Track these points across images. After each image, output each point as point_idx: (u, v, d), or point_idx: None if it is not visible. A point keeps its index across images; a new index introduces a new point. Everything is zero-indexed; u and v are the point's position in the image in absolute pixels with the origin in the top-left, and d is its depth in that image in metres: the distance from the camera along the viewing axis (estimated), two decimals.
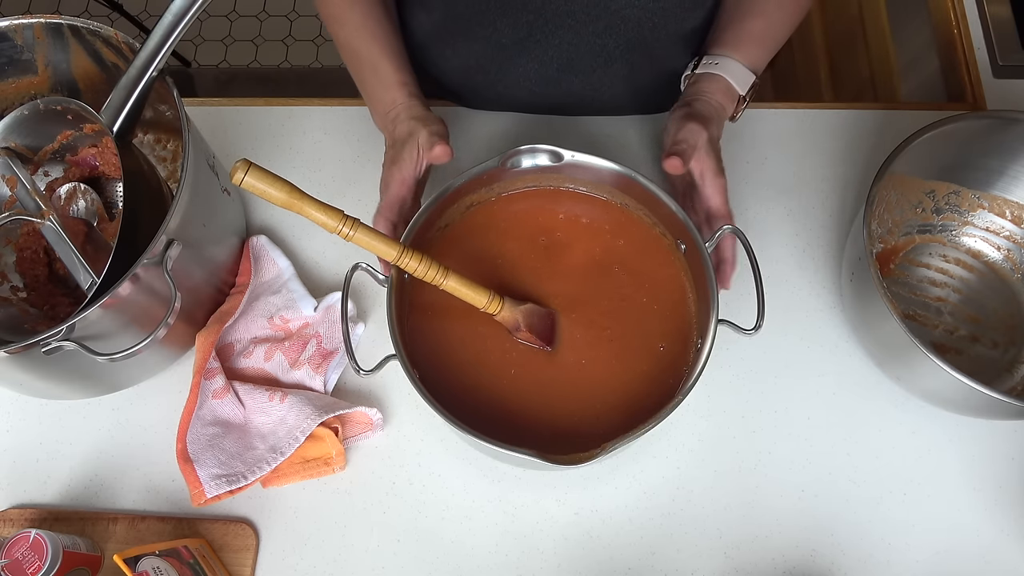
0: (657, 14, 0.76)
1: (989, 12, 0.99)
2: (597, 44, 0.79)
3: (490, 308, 0.69)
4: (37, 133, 0.75)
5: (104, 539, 0.74)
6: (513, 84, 0.86)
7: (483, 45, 0.82)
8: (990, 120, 0.78)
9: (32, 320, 0.76)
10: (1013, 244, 0.84)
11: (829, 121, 0.92)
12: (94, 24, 0.72)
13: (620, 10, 0.74)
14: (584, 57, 0.81)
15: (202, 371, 0.76)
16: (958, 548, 0.74)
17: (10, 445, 0.78)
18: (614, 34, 0.78)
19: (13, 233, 0.79)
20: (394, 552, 0.74)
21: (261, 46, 2.10)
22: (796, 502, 0.76)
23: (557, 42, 0.79)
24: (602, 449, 0.62)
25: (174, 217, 0.66)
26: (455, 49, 0.84)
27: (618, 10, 0.75)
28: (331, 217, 0.60)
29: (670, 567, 0.74)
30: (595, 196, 0.77)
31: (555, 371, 0.71)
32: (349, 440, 0.77)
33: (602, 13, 0.75)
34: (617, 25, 0.76)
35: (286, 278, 0.82)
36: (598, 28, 0.77)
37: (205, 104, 0.93)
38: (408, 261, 0.64)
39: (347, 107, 0.93)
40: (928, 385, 0.73)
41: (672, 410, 0.64)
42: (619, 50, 0.80)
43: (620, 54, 0.80)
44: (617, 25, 0.76)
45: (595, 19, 0.76)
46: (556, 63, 0.81)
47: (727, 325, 0.68)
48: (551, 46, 0.79)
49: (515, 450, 0.62)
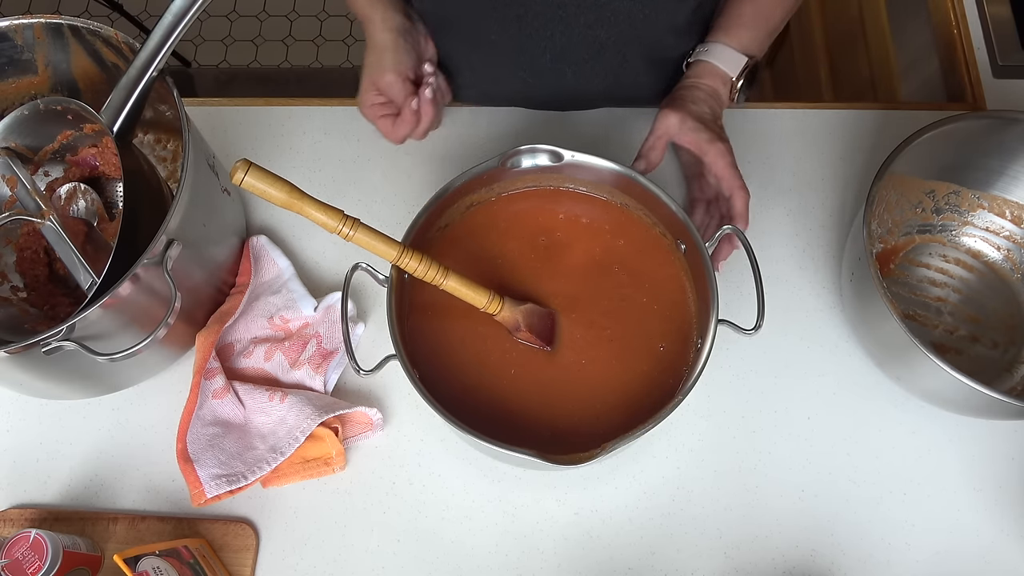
0: (648, 6, 0.76)
1: (989, 12, 0.99)
2: (589, 35, 0.79)
3: (490, 308, 0.69)
4: (37, 133, 0.75)
5: (104, 539, 0.74)
6: (506, 75, 0.86)
7: (473, 37, 0.82)
8: (990, 120, 0.78)
9: (32, 320, 0.76)
10: (1013, 244, 0.84)
11: (829, 121, 0.92)
12: (94, 24, 0.72)
13: (610, 2, 0.75)
14: (576, 48, 0.81)
15: (202, 371, 0.76)
16: (958, 548, 0.74)
17: (10, 445, 0.79)
18: (605, 26, 0.78)
19: (13, 233, 0.79)
20: (394, 552, 0.74)
21: (261, 46, 2.10)
22: (796, 502, 0.76)
23: (549, 33, 0.79)
24: (602, 449, 0.62)
25: (174, 217, 0.66)
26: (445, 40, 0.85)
27: (608, 2, 0.75)
28: (331, 217, 0.60)
29: (670, 567, 0.74)
30: (595, 196, 0.77)
31: (555, 371, 0.71)
32: (349, 440, 0.77)
33: (592, 5, 0.75)
34: (608, 17, 0.77)
35: (286, 278, 0.82)
36: (589, 20, 0.77)
37: (205, 104, 0.93)
38: (408, 261, 0.64)
39: (347, 107, 0.93)
40: (928, 385, 0.73)
41: (672, 410, 0.64)
42: (611, 41, 0.80)
43: (612, 44, 0.81)
44: (608, 17, 0.77)
45: (585, 11, 0.76)
46: (548, 54, 0.82)
47: (727, 325, 0.68)
48: (543, 37, 0.79)
49: (515, 450, 0.62)
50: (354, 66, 2.02)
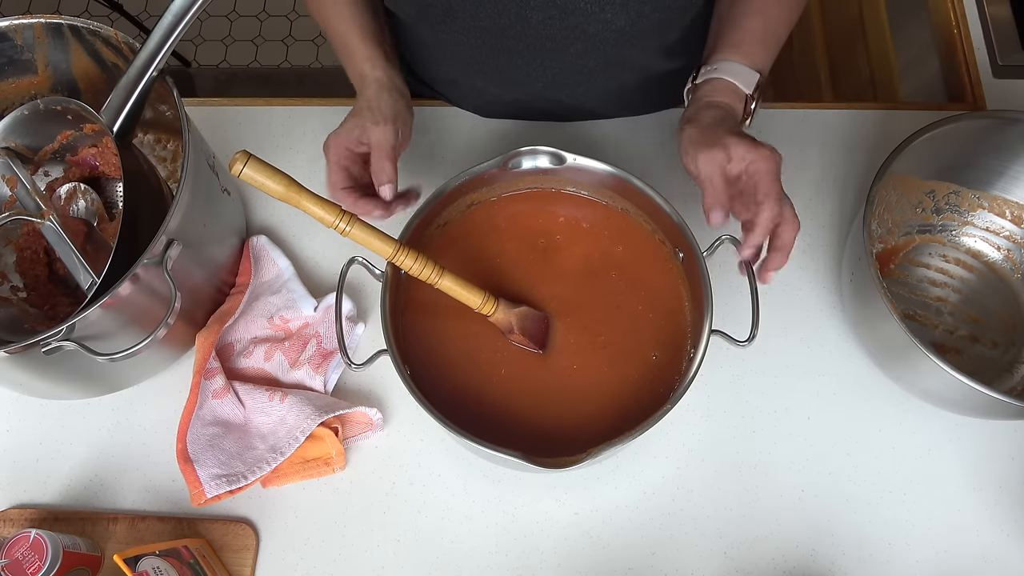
0: (635, 36, 0.75)
1: (989, 12, 0.99)
2: (578, 64, 0.78)
3: (484, 309, 0.69)
4: (37, 133, 0.75)
5: (104, 539, 0.74)
6: (499, 98, 0.87)
7: (465, 68, 0.82)
8: (990, 120, 0.78)
9: (32, 320, 0.76)
10: (1013, 244, 0.84)
11: (829, 121, 0.92)
12: (94, 24, 0.72)
13: (597, 34, 0.73)
14: (566, 75, 0.80)
15: (202, 371, 0.76)
16: (958, 548, 0.74)
17: (10, 445, 0.79)
18: (594, 54, 0.77)
19: (13, 233, 0.79)
20: (394, 552, 0.74)
21: (261, 46, 2.10)
22: (796, 502, 0.76)
23: (540, 63, 0.78)
24: (588, 454, 0.62)
25: (174, 217, 0.66)
26: (442, 64, 0.85)
27: (595, 34, 0.73)
28: (328, 212, 0.60)
29: (670, 567, 0.74)
30: (595, 200, 0.77)
31: (545, 374, 0.71)
32: (349, 440, 0.77)
33: (580, 36, 0.74)
34: (596, 47, 0.76)
35: (286, 278, 0.82)
36: (578, 49, 0.76)
37: (205, 104, 0.93)
38: (404, 259, 0.64)
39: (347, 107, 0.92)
40: (928, 385, 0.73)
41: (659, 419, 0.63)
42: (600, 67, 0.79)
43: (602, 70, 0.80)
44: (596, 47, 0.76)
45: (573, 42, 0.75)
46: (540, 82, 0.82)
47: (720, 336, 0.68)
48: (534, 68, 0.79)
49: (500, 450, 0.62)
50: None
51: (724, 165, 0.63)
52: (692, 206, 0.87)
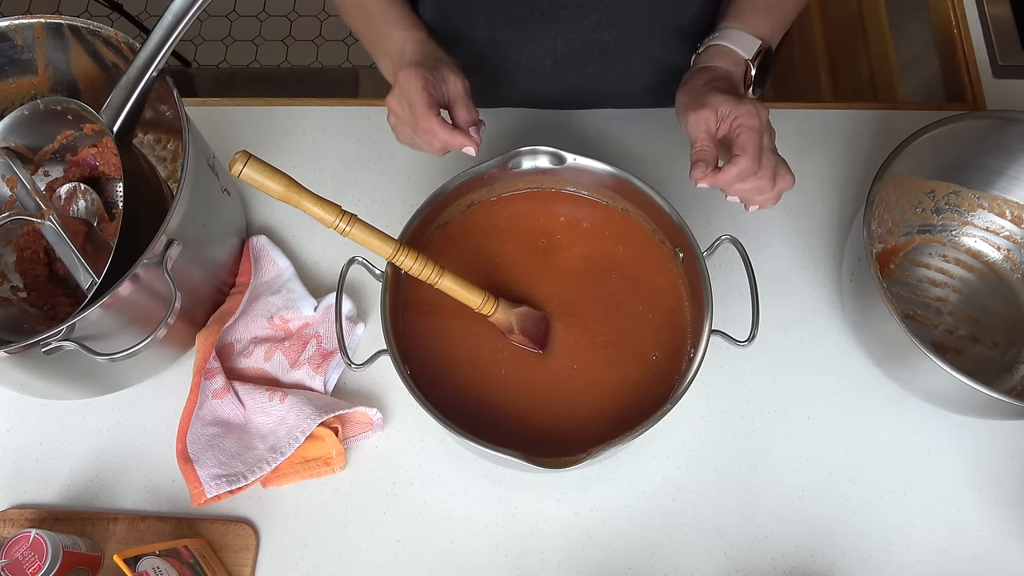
0: (650, 6, 0.76)
1: (989, 12, 0.99)
2: (592, 37, 0.79)
3: (484, 309, 0.69)
4: (37, 133, 0.75)
5: (104, 539, 0.74)
6: (508, 80, 0.86)
7: (477, 42, 0.82)
8: (990, 120, 0.78)
9: (32, 320, 0.76)
10: (1013, 244, 0.84)
11: (829, 121, 0.92)
12: (94, 24, 0.72)
13: (614, 3, 0.75)
14: (579, 51, 0.81)
15: (202, 371, 0.76)
16: (958, 548, 0.74)
17: (10, 445, 0.78)
18: (608, 27, 0.78)
19: (13, 233, 0.79)
20: (394, 552, 0.74)
21: (261, 46, 2.10)
22: (796, 502, 0.76)
23: (552, 35, 0.79)
24: (587, 455, 0.62)
25: (174, 217, 0.66)
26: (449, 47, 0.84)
27: (612, 3, 0.75)
28: (328, 212, 0.60)
29: (670, 567, 0.74)
30: (596, 200, 0.77)
31: (545, 374, 0.71)
32: (349, 440, 0.77)
33: (596, 5, 0.75)
34: (611, 18, 0.77)
35: (286, 278, 0.82)
36: (592, 22, 0.77)
37: (205, 104, 0.93)
38: (404, 259, 0.64)
39: (347, 107, 0.93)
40: (928, 385, 0.73)
41: (659, 419, 0.63)
42: (614, 43, 0.80)
43: (615, 48, 0.80)
44: (611, 18, 0.77)
45: (588, 12, 0.76)
46: (551, 58, 0.82)
47: (720, 336, 0.68)
48: (546, 39, 0.79)
49: (499, 450, 0.62)
50: (354, 66, 2.02)
51: (711, 123, 0.65)
52: (692, 206, 0.88)
